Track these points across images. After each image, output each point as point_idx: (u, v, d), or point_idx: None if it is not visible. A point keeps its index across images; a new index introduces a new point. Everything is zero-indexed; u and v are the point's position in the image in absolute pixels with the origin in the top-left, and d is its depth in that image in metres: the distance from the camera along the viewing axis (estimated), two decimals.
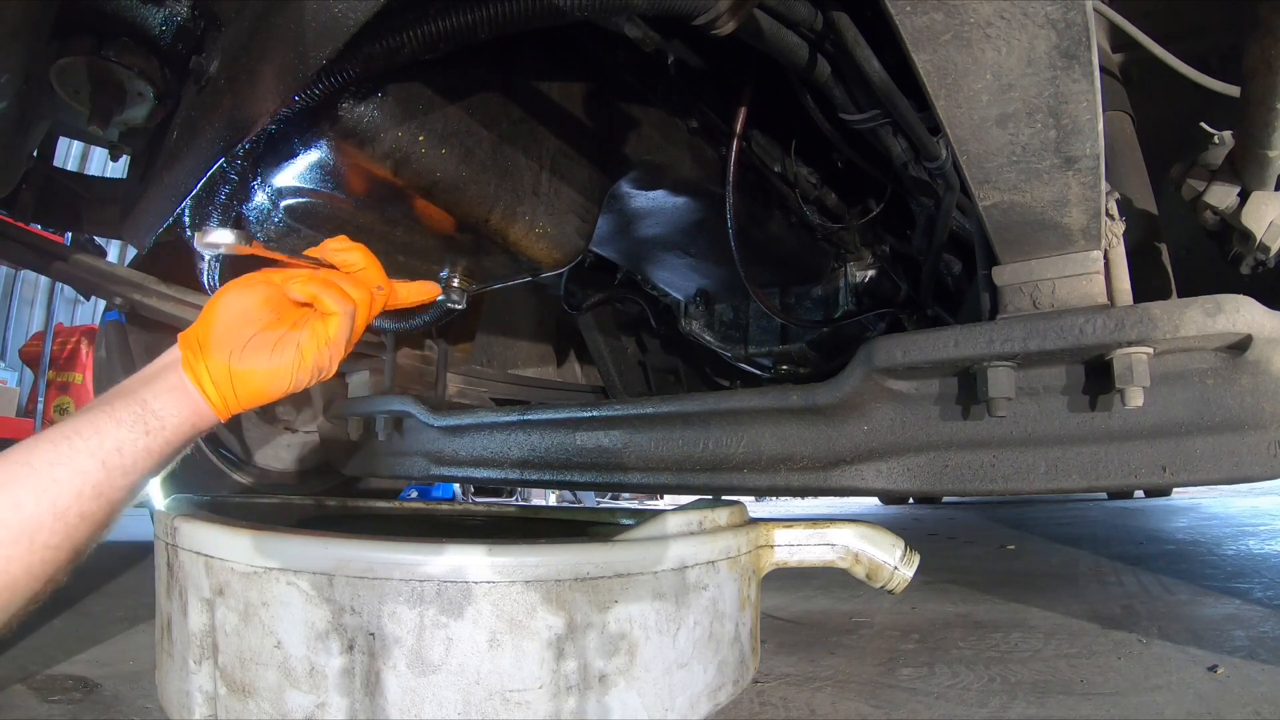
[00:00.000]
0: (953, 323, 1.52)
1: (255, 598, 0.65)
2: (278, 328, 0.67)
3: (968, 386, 0.97)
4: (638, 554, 0.68)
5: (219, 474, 1.94)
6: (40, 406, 4.77)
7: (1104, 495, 4.57)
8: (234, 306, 0.67)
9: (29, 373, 5.18)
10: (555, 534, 1.00)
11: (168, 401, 0.63)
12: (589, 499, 5.86)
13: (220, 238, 0.65)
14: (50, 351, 4.96)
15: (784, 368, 1.99)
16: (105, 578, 1.50)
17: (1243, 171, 0.95)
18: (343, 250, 0.74)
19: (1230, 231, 1.02)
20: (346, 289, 0.70)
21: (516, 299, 2.31)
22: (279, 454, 2.06)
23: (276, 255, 0.71)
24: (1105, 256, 0.91)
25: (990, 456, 0.97)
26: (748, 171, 1.52)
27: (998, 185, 0.80)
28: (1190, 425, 0.86)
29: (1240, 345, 0.82)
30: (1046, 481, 0.93)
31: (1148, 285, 1.04)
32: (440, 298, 1.17)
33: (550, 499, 6.20)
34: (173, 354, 0.66)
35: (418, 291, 0.84)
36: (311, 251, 0.75)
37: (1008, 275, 0.95)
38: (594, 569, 0.65)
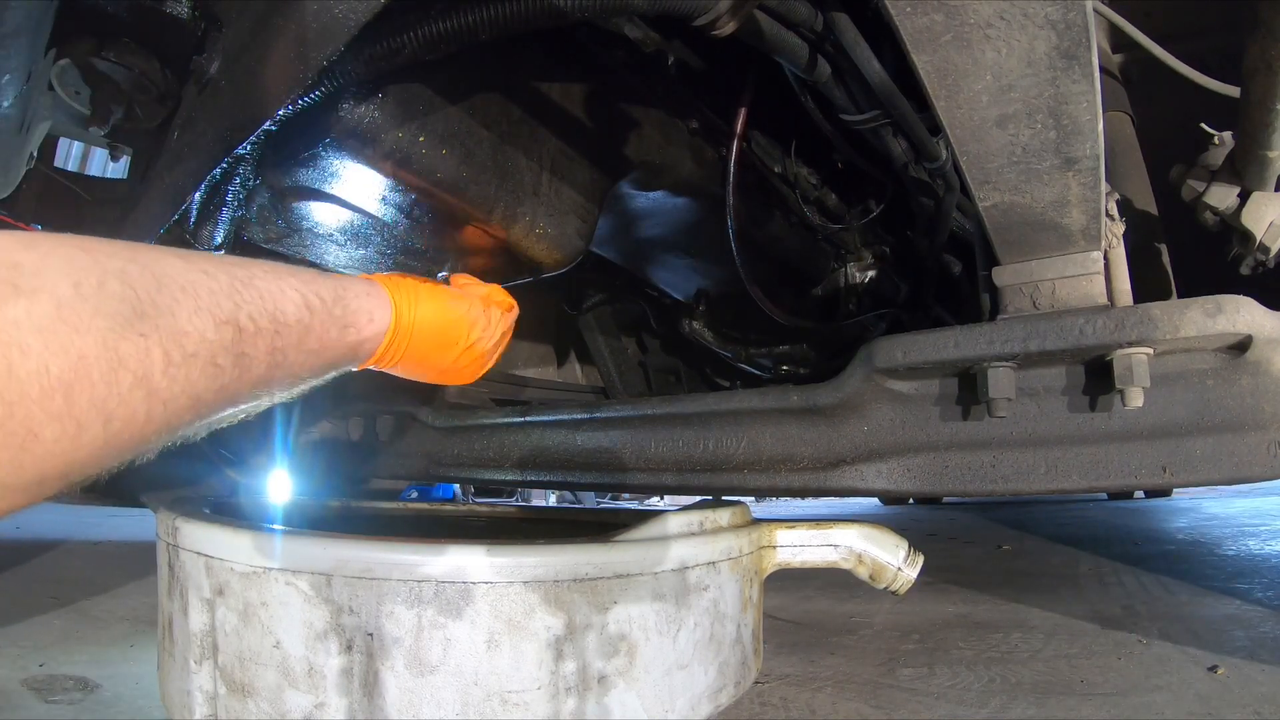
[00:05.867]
0: (953, 323, 1.52)
1: (255, 598, 0.65)
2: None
3: (968, 387, 0.96)
4: (637, 555, 0.68)
5: (220, 474, 1.94)
6: None
7: (1104, 495, 4.57)
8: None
9: None
10: (556, 534, 1.00)
11: (304, 268, 0.55)
12: (590, 499, 5.85)
13: None
14: None
15: (784, 368, 1.98)
16: (106, 578, 1.50)
17: (1243, 172, 0.95)
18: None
19: (1230, 232, 1.02)
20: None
21: (516, 299, 2.30)
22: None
23: None
24: (1105, 257, 0.91)
25: (990, 457, 0.96)
26: (748, 172, 1.52)
27: (998, 186, 0.80)
28: (1190, 426, 0.86)
29: (1240, 346, 0.82)
30: (1046, 482, 0.93)
31: (1148, 285, 1.04)
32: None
33: (550, 499, 6.20)
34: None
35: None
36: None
37: (1008, 276, 0.95)
38: (593, 570, 0.65)
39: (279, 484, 2.05)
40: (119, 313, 0.36)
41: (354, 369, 0.62)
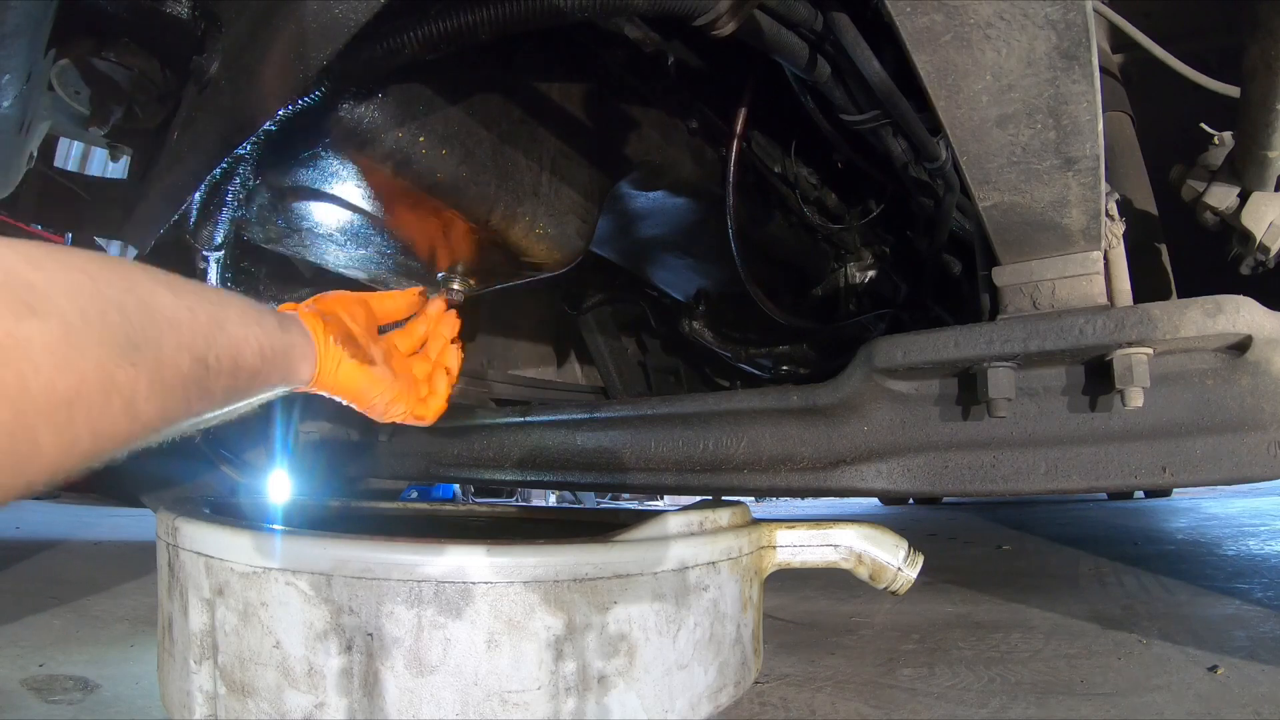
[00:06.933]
0: (953, 323, 1.52)
1: (255, 598, 0.65)
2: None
3: (968, 387, 0.96)
4: (637, 555, 0.68)
5: (220, 474, 1.95)
6: None
7: (1104, 495, 4.57)
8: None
9: None
10: (556, 535, 1.00)
11: (269, 314, 0.59)
12: (590, 500, 5.85)
13: None
14: None
15: (784, 368, 1.98)
16: (105, 578, 1.50)
17: (1243, 172, 0.95)
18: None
19: (1230, 232, 1.02)
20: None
21: (516, 299, 2.30)
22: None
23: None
24: (1105, 257, 0.91)
25: (990, 457, 0.96)
26: (748, 172, 1.52)
27: (998, 186, 0.80)
28: (1190, 426, 0.86)
29: (1240, 346, 0.82)
30: (1046, 482, 0.93)
31: (1148, 285, 1.04)
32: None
33: (550, 499, 6.20)
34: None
35: (404, 305, 0.90)
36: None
37: (1008, 276, 0.95)
38: (593, 570, 0.65)
39: (279, 484, 2.05)
40: (115, 342, 0.40)
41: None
